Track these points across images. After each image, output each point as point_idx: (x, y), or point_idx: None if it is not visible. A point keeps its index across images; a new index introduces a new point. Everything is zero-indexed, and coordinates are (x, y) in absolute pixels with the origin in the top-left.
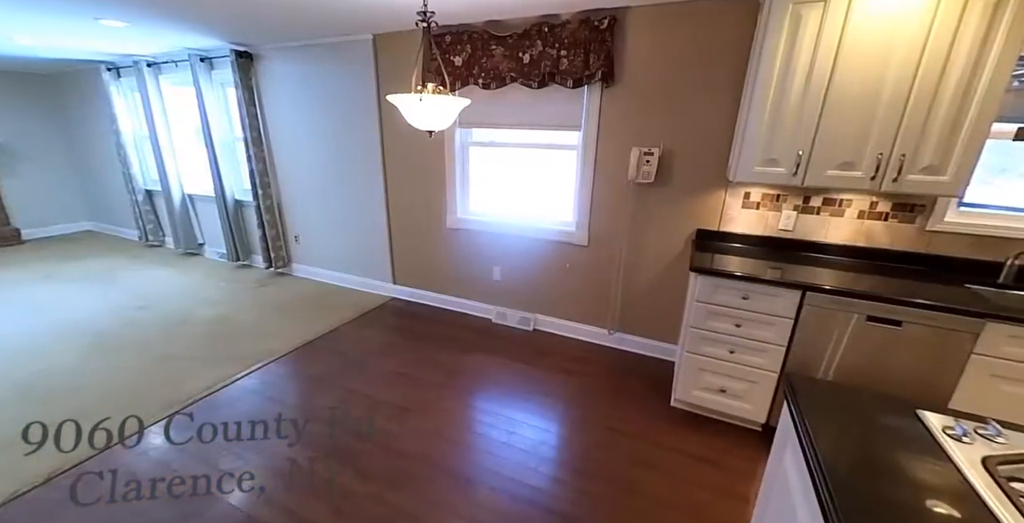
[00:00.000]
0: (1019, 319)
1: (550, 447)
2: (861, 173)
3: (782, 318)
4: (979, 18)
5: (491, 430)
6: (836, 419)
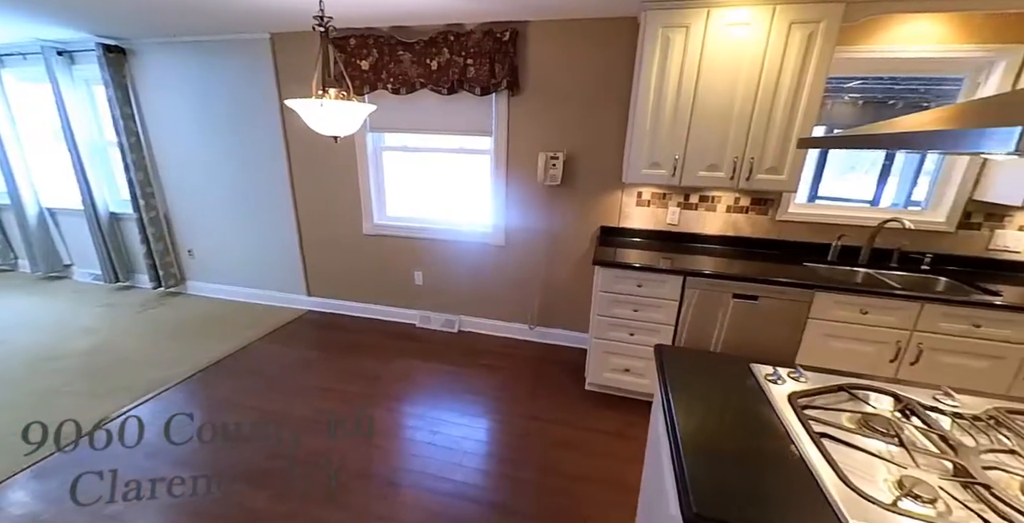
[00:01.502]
0: (840, 288)
1: (475, 441)
2: (723, 174)
3: (669, 300)
4: (798, 48)
5: (416, 432)
6: (691, 377)
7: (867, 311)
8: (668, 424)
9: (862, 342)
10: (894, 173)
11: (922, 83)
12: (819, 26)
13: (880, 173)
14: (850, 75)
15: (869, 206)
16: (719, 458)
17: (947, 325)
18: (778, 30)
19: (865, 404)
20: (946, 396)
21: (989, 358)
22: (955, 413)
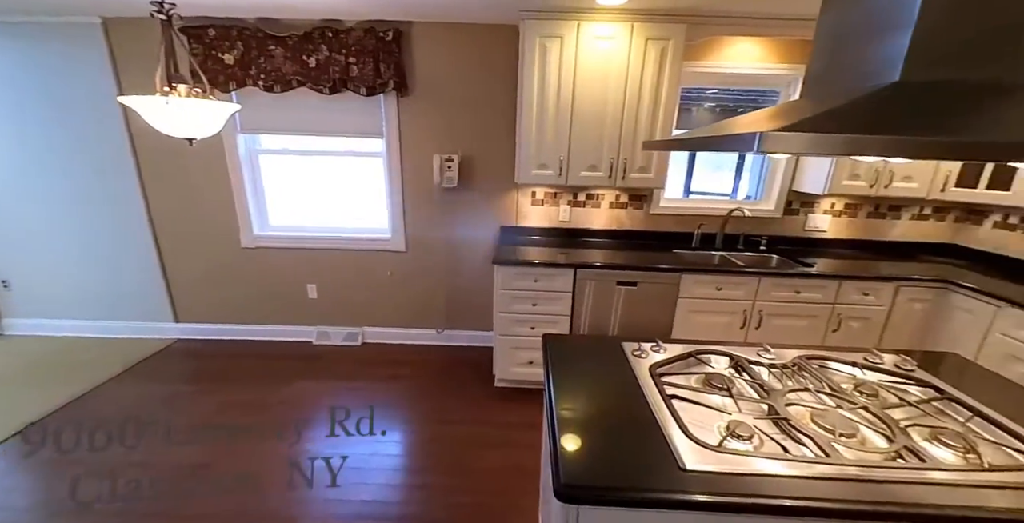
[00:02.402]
0: (698, 270)
1: (384, 457)
2: (602, 173)
3: (563, 293)
4: (654, 61)
5: (315, 461)
6: (571, 361)
7: (721, 287)
8: (547, 406)
9: (719, 314)
10: (745, 170)
11: (757, 94)
12: (669, 43)
13: (736, 170)
14: (703, 86)
15: (729, 198)
16: (590, 430)
17: (778, 293)
18: (637, 45)
19: (707, 366)
20: (765, 351)
21: (808, 317)
22: (771, 364)
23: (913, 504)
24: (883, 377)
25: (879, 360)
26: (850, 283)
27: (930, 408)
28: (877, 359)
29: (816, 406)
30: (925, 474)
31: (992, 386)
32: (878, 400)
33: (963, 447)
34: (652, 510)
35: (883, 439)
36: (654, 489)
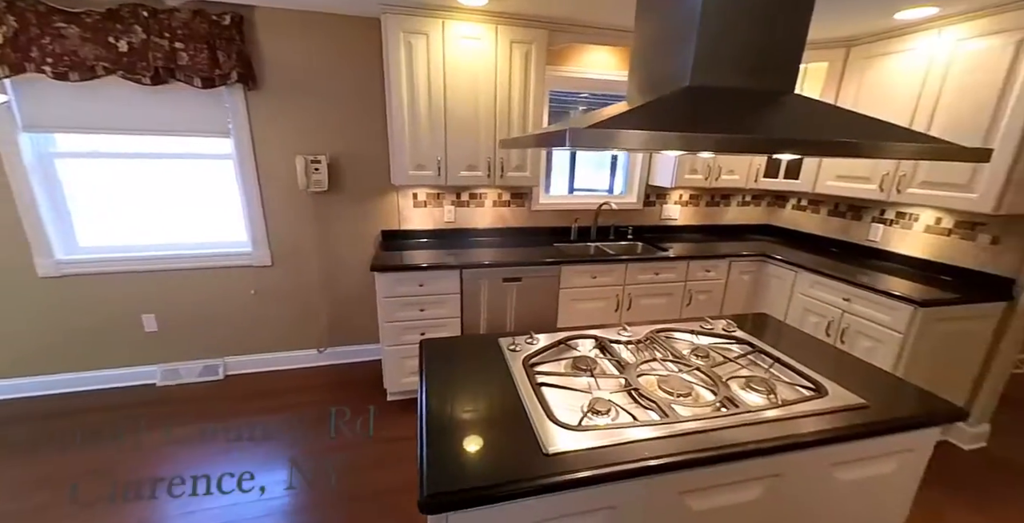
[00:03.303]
0: (574, 261)
1: (265, 503)
2: (481, 173)
3: (451, 294)
4: (520, 64)
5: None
6: (449, 363)
7: (596, 276)
8: (419, 416)
9: (596, 300)
10: (619, 167)
11: (622, 98)
12: (532, 46)
13: (611, 168)
14: (574, 90)
15: (607, 194)
16: (461, 432)
17: (642, 276)
18: (502, 47)
19: (575, 350)
20: (624, 330)
21: (666, 295)
22: (628, 341)
23: (728, 445)
24: (713, 340)
25: (711, 326)
26: (696, 262)
27: (745, 361)
28: (709, 325)
29: (662, 373)
30: (738, 417)
31: (788, 337)
32: (709, 360)
33: (766, 390)
34: (517, 502)
35: (710, 393)
36: (517, 480)
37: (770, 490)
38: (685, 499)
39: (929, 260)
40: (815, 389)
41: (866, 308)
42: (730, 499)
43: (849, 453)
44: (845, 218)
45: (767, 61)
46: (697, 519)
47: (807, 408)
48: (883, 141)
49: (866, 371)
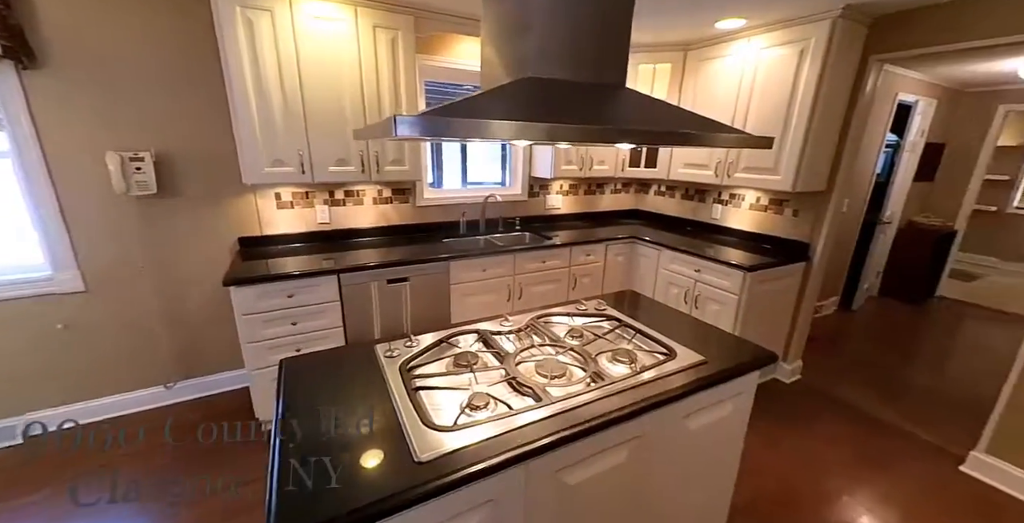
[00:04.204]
0: (461, 255)
1: None
2: (354, 168)
3: (329, 303)
4: (386, 51)
5: None
6: (316, 382)
7: (486, 268)
8: (271, 448)
9: (488, 293)
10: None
11: None
12: (399, 33)
13: (502, 161)
14: (457, 82)
15: (500, 186)
16: (325, 457)
17: (530, 265)
18: (365, 32)
19: (456, 347)
20: (505, 320)
21: (554, 281)
22: (509, 331)
23: (596, 417)
24: (587, 320)
25: (584, 307)
26: (577, 247)
27: (613, 336)
28: (583, 306)
29: (539, 358)
30: (605, 389)
31: (649, 309)
32: (582, 339)
33: (629, 360)
34: (388, 520)
35: (582, 371)
36: (383, 498)
37: (635, 451)
38: (561, 476)
39: (755, 232)
40: (667, 353)
41: (712, 276)
42: (601, 466)
43: (695, 404)
44: (694, 201)
45: (599, 55)
46: (573, 492)
47: (661, 371)
48: (699, 131)
49: (706, 331)
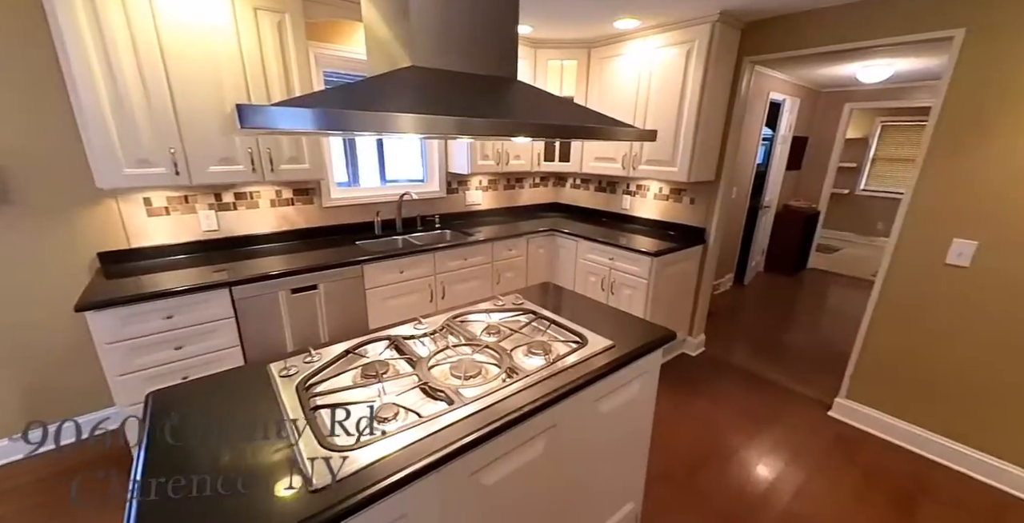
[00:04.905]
0: (376, 258)
1: None
2: (243, 167)
3: (223, 320)
4: (272, 37)
5: None
6: (185, 417)
7: (404, 270)
8: (127, 509)
9: (408, 294)
10: None
11: None
12: (285, 17)
13: (422, 156)
14: (352, 71)
15: (423, 183)
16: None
17: (452, 263)
18: (244, 15)
19: (364, 357)
20: (419, 323)
21: (478, 279)
22: (424, 334)
23: (509, 413)
24: (504, 315)
25: (502, 302)
26: (499, 242)
27: (529, 329)
28: (501, 302)
29: (454, 359)
30: (519, 384)
31: (564, 299)
32: (499, 335)
33: (543, 351)
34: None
35: (496, 367)
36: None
37: (551, 441)
38: (478, 478)
39: (660, 220)
40: (579, 341)
41: (624, 263)
42: (518, 461)
43: (605, 388)
44: (606, 192)
45: (485, 46)
46: (491, 493)
47: (573, 359)
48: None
49: (615, 316)
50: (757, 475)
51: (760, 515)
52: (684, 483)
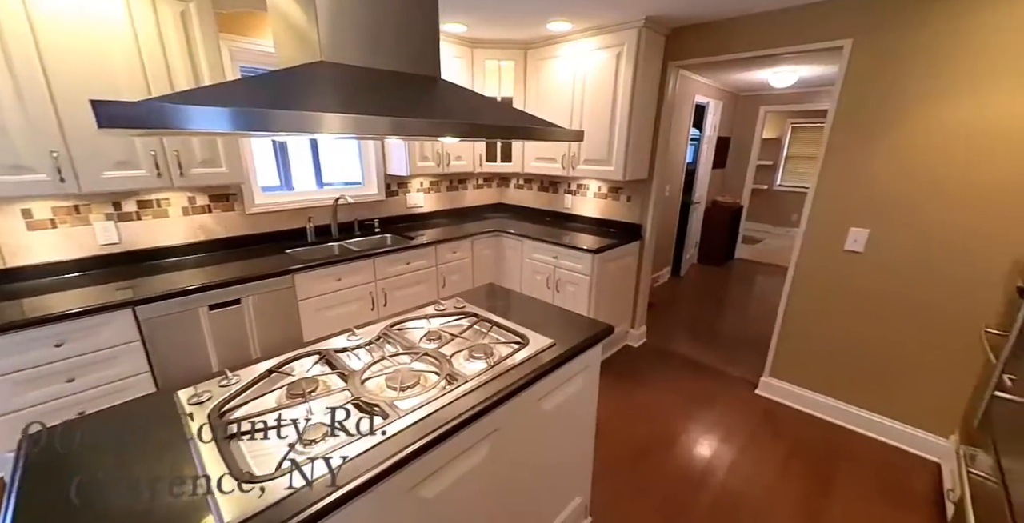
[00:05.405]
0: (308, 267)
1: None
2: (146, 171)
3: (126, 344)
4: (175, 29)
5: None
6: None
7: (340, 278)
8: None
9: (347, 304)
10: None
11: None
12: (190, 6)
13: (359, 158)
14: (269, 66)
15: (359, 185)
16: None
17: (393, 269)
18: (140, 6)
19: (289, 376)
20: (352, 335)
21: (422, 283)
22: (358, 345)
23: (448, 421)
24: (445, 320)
25: (443, 307)
26: (443, 245)
27: (470, 333)
28: (442, 306)
29: (391, 370)
30: (459, 390)
31: (507, 300)
32: (439, 342)
33: (485, 354)
34: None
35: (436, 375)
36: None
37: (495, 445)
38: (418, 491)
39: (600, 218)
40: (521, 342)
41: (567, 261)
42: (462, 469)
43: (547, 386)
44: (549, 192)
45: (402, 42)
46: (434, 505)
47: (514, 360)
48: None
49: (557, 315)
50: (696, 456)
51: (699, 493)
52: (630, 471)
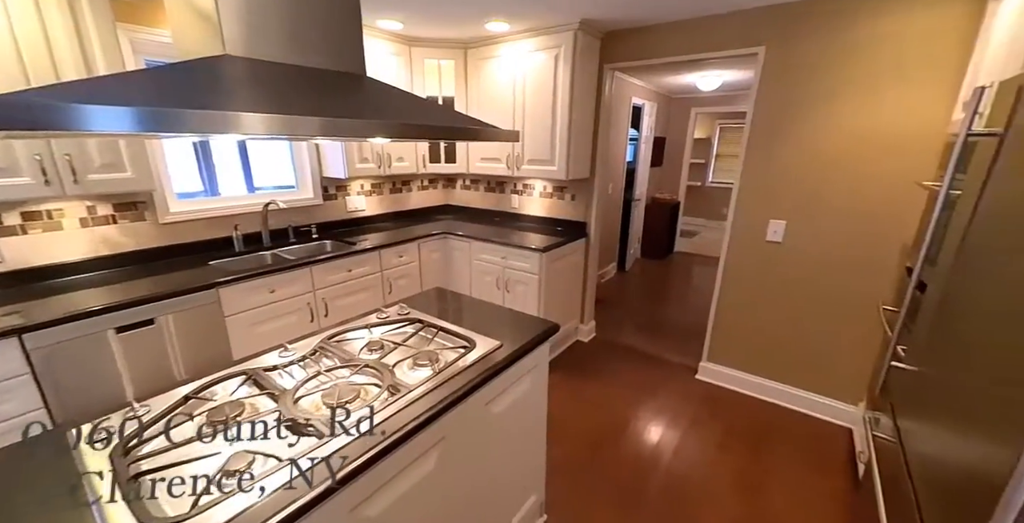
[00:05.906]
0: (237, 278)
1: None
2: (29, 178)
3: (14, 379)
4: (60, 14)
5: None
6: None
7: (274, 289)
8: None
9: (283, 316)
10: None
11: None
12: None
13: (292, 160)
14: (172, 58)
15: (293, 189)
16: None
17: (333, 277)
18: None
19: (210, 401)
20: (284, 350)
21: (366, 290)
22: (291, 362)
23: (392, 434)
24: (387, 328)
25: (386, 314)
26: (387, 250)
27: (415, 340)
28: (385, 314)
29: (327, 386)
30: (402, 401)
31: (454, 303)
32: (381, 352)
33: (430, 360)
34: None
35: (377, 387)
36: None
37: (444, 454)
38: (361, 511)
39: (547, 217)
40: (467, 345)
41: (516, 261)
42: (409, 482)
43: (496, 388)
44: (495, 192)
45: (319, 38)
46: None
47: (460, 365)
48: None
49: (504, 315)
50: (644, 443)
51: (648, 478)
52: (584, 464)
